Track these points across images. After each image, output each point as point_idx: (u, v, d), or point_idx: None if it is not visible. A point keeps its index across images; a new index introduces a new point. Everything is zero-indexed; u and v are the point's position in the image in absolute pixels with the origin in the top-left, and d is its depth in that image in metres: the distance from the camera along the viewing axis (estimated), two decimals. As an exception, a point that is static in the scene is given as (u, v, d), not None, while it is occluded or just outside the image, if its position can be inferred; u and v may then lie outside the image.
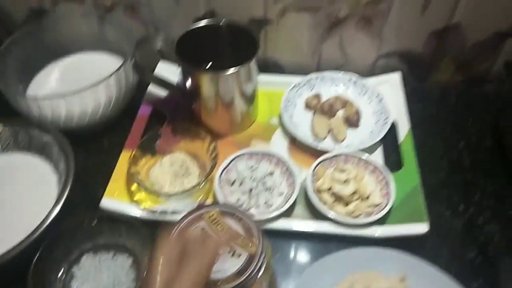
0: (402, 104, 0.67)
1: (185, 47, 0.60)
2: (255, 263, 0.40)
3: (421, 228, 0.52)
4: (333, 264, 0.50)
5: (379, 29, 0.69)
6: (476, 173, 0.61)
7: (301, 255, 0.54)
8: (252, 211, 0.56)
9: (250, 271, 0.39)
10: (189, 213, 0.43)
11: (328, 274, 0.49)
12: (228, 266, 0.39)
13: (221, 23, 0.62)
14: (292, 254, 0.54)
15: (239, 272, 0.39)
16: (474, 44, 0.69)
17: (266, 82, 0.71)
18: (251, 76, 0.61)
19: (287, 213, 0.56)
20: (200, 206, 0.44)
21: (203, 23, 0.62)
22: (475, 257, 0.53)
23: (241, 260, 0.40)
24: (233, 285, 0.38)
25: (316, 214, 0.56)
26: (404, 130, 0.64)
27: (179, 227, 0.42)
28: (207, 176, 0.55)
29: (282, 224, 0.55)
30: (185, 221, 0.43)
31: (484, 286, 0.51)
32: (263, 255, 0.40)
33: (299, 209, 0.57)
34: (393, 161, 0.62)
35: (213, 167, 0.56)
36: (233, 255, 0.40)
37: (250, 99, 0.65)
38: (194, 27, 0.61)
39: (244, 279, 0.39)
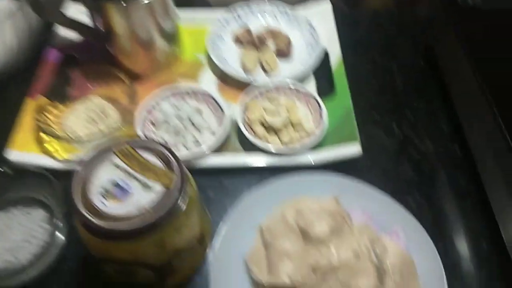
0: (333, 32, 0.64)
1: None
2: (172, 196, 0.36)
3: (354, 149, 0.51)
4: (265, 193, 0.48)
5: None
6: (409, 94, 0.61)
7: (236, 190, 0.51)
8: (181, 151, 0.52)
9: (168, 205, 0.36)
10: (96, 151, 0.39)
11: (260, 204, 0.47)
12: (143, 200, 0.36)
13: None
14: (227, 190, 0.51)
15: (156, 207, 0.36)
16: (402, -37, 0.66)
17: (191, 18, 0.66)
18: (167, 9, 0.56)
19: (219, 150, 0.53)
20: (109, 144, 0.39)
21: None
22: (409, 174, 0.53)
23: (156, 194, 0.36)
24: (151, 218, 0.35)
25: (250, 148, 0.53)
26: (335, 57, 0.61)
27: (85, 165, 0.38)
28: (125, 116, 0.50)
29: (214, 161, 0.52)
30: (92, 158, 0.38)
31: (419, 200, 0.50)
32: (183, 188, 0.37)
33: (232, 144, 0.54)
34: (326, 88, 0.60)
35: (131, 107, 0.51)
36: (147, 189, 0.36)
37: (171, 35, 0.60)
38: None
39: (161, 214, 0.35)
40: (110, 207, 0.36)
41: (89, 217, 0.35)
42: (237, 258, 0.45)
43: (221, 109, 0.55)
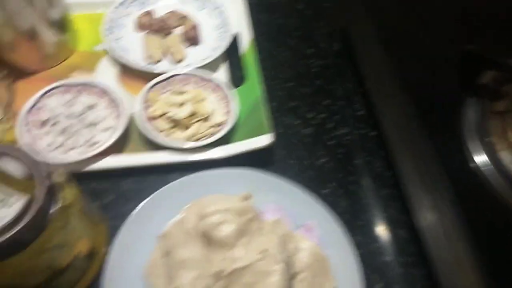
0: (244, 15, 0.60)
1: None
2: (34, 209, 0.30)
3: (265, 140, 0.47)
4: (168, 195, 0.43)
5: None
6: (325, 79, 0.58)
7: (139, 195, 0.46)
8: (72, 153, 0.46)
9: (28, 219, 0.30)
10: None
11: (163, 208, 0.42)
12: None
13: None
14: (128, 195, 0.46)
15: (12, 223, 0.30)
16: None
17: (87, 4, 0.59)
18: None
19: (117, 149, 0.47)
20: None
21: None
22: (326, 162, 0.50)
23: (14, 208, 0.30)
24: (8, 236, 0.29)
25: (154, 146, 0.48)
26: (246, 41, 0.57)
27: None
28: (2, 117, 0.43)
29: (111, 162, 0.46)
30: None
31: (335, 190, 0.48)
32: (51, 199, 0.32)
33: (133, 143, 0.49)
34: (237, 77, 0.56)
35: (9, 105, 0.44)
36: (4, 205, 0.31)
37: (59, 23, 0.53)
38: None
39: (20, 229, 0.29)
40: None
41: None
42: (136, 272, 0.39)
43: (119, 104, 0.49)
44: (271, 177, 0.46)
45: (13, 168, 0.32)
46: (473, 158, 0.39)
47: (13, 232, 0.29)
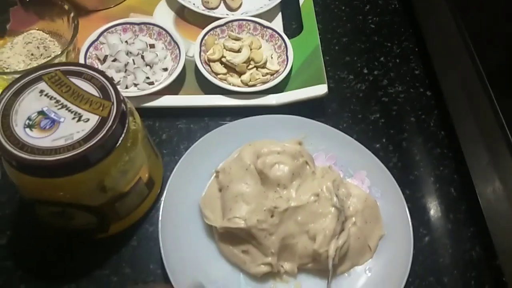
0: (303, -35, 0.59)
1: None
2: (107, 126, 0.32)
3: (320, 89, 0.47)
4: (223, 136, 0.44)
5: None
6: (382, 36, 0.57)
7: (193, 134, 0.47)
8: (131, 89, 0.47)
9: (101, 136, 0.31)
10: (23, 76, 0.34)
11: (218, 148, 0.43)
12: (73, 131, 0.31)
13: None
14: (183, 134, 0.47)
15: (87, 138, 0.31)
16: None
17: None
18: None
19: (174, 90, 0.48)
20: (38, 68, 0.34)
21: None
22: (378, 118, 0.50)
23: (89, 124, 0.32)
24: (81, 150, 0.31)
25: (208, 88, 0.48)
26: (304, -8, 0.56)
27: (8, 92, 0.33)
28: (66, 48, 0.45)
29: (168, 101, 0.47)
30: (18, 84, 0.33)
31: (387, 146, 0.48)
32: (120, 118, 0.33)
33: (189, 85, 0.50)
34: (293, 27, 0.56)
35: (73, 37, 0.45)
36: (79, 120, 0.32)
37: (122, -37, 0.53)
38: None
39: (94, 144, 0.31)
40: (37, 139, 0.31)
41: (13, 150, 0.30)
42: (191, 204, 0.41)
43: (178, 46, 0.50)
44: (323, 125, 0.46)
45: (88, 88, 0.34)
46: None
47: (88, 146, 0.31)
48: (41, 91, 0.33)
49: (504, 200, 0.38)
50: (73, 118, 0.32)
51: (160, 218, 0.39)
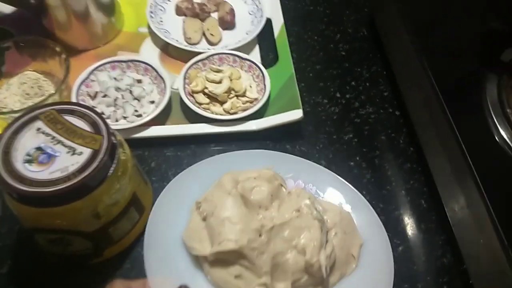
0: (276, 1, 0.64)
1: None
2: (99, 158, 0.35)
3: (296, 114, 0.51)
4: (201, 170, 0.47)
5: None
6: (352, 62, 0.61)
7: (180, 161, 0.51)
8: (120, 122, 0.51)
9: (94, 166, 0.35)
10: (20, 117, 0.37)
11: (198, 179, 0.46)
12: (68, 164, 0.35)
13: None
14: (170, 161, 0.51)
15: (81, 169, 0.34)
16: None
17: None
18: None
19: (161, 120, 0.52)
20: (35, 108, 0.38)
21: None
22: (351, 138, 0.54)
23: (83, 157, 0.35)
24: (76, 181, 0.34)
25: (193, 117, 0.52)
26: (278, 25, 0.61)
27: (8, 131, 0.36)
28: (59, 87, 0.48)
29: (156, 131, 0.51)
30: (17, 124, 0.37)
31: (360, 163, 0.51)
32: (110, 150, 0.36)
33: (175, 115, 0.53)
34: (270, 57, 0.60)
35: (65, 77, 0.49)
36: (73, 154, 0.35)
37: (108, 6, 0.58)
38: None
39: (88, 174, 0.34)
40: (35, 172, 0.34)
41: (13, 183, 0.34)
42: (173, 241, 0.43)
43: (163, 80, 0.54)
44: (288, 155, 0.50)
45: (81, 124, 0.37)
46: (496, 129, 0.42)
47: (81, 177, 0.34)
48: (38, 129, 0.37)
49: (465, 208, 0.42)
50: (68, 152, 0.35)
51: (144, 256, 0.41)
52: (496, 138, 0.41)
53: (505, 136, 0.41)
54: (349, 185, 0.47)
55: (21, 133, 0.36)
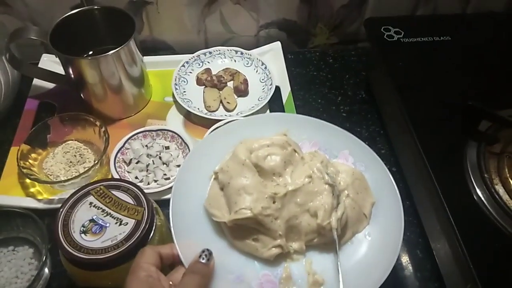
0: (284, 70, 0.72)
1: (62, 37, 0.60)
2: (142, 227, 0.43)
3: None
4: (214, 142, 0.51)
5: (255, 2, 0.74)
6: (353, 122, 0.69)
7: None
8: (152, 185, 0.59)
9: (137, 235, 0.42)
10: (75, 192, 0.45)
11: (213, 153, 0.49)
12: (117, 233, 0.42)
13: (95, 8, 0.63)
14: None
15: (127, 238, 0.42)
16: (340, 7, 0.76)
17: (157, 63, 0.74)
18: (133, 57, 0.63)
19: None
20: (86, 185, 0.46)
21: (76, 10, 0.62)
22: (354, 194, 0.61)
23: (128, 227, 0.43)
24: (123, 248, 0.41)
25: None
26: (286, 92, 0.69)
27: (66, 206, 0.44)
28: (100, 158, 0.57)
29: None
30: (72, 200, 0.45)
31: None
32: (150, 219, 0.44)
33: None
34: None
35: (105, 149, 0.58)
36: (120, 224, 0.43)
37: (139, 80, 0.67)
38: (67, 14, 0.61)
39: (133, 242, 0.42)
40: (90, 241, 0.42)
41: (73, 251, 0.41)
42: (196, 209, 0.46)
43: (187, 146, 0.62)
44: (303, 116, 0.54)
45: (125, 197, 0.45)
46: (474, 190, 0.48)
47: (128, 245, 0.42)
48: (90, 203, 0.44)
49: (450, 255, 0.48)
50: (116, 223, 0.43)
51: (171, 224, 0.43)
52: (474, 197, 0.48)
53: (481, 196, 0.48)
54: (363, 143, 0.50)
55: (76, 208, 0.44)
